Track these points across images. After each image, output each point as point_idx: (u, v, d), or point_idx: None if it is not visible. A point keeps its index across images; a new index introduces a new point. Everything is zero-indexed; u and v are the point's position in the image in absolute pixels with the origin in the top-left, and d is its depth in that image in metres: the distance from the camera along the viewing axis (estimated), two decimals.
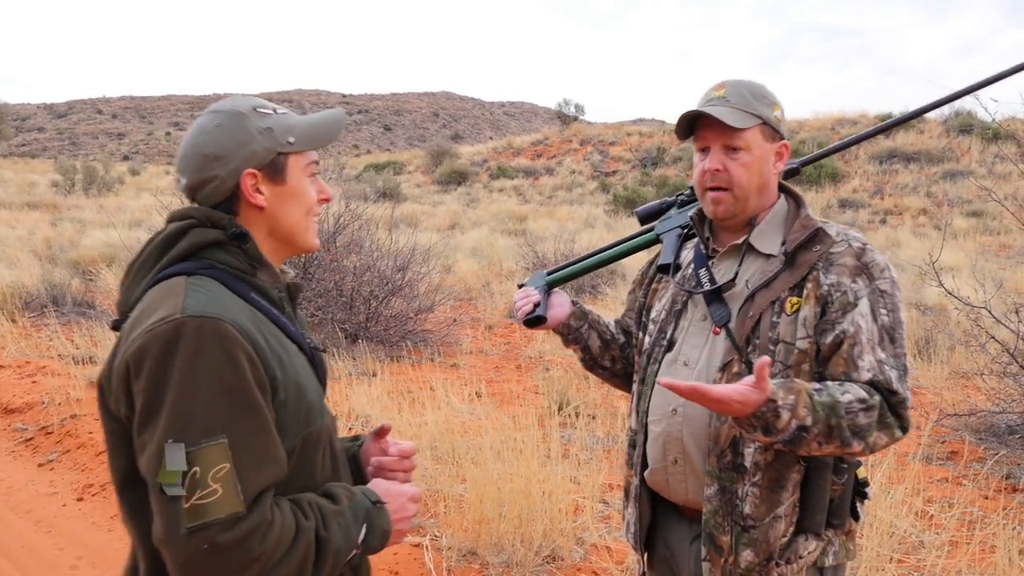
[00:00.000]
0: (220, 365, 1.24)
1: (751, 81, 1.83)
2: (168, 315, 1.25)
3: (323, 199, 1.54)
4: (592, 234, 16.72)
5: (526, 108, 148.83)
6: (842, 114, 32.56)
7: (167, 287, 1.33)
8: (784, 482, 1.70)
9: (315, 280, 8.36)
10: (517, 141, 41.69)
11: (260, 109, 1.45)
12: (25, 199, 23.61)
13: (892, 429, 1.63)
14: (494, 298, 11.04)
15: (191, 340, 1.23)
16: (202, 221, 1.41)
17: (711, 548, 1.75)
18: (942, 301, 8.96)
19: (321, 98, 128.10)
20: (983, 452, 5.40)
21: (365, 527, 1.39)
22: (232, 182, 1.41)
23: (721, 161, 1.77)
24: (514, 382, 7.04)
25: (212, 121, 1.42)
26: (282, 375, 1.34)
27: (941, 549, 3.70)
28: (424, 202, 28.26)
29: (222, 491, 1.20)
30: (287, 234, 1.49)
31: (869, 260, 1.72)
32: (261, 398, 1.28)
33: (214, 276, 1.37)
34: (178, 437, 1.20)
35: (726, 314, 1.78)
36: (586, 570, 3.61)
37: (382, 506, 1.45)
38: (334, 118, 1.56)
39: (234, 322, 1.28)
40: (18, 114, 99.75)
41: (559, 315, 2.14)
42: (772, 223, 1.83)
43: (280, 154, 1.44)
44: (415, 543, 3.78)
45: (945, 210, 22.48)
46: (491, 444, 4.22)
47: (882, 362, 1.65)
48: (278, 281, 1.50)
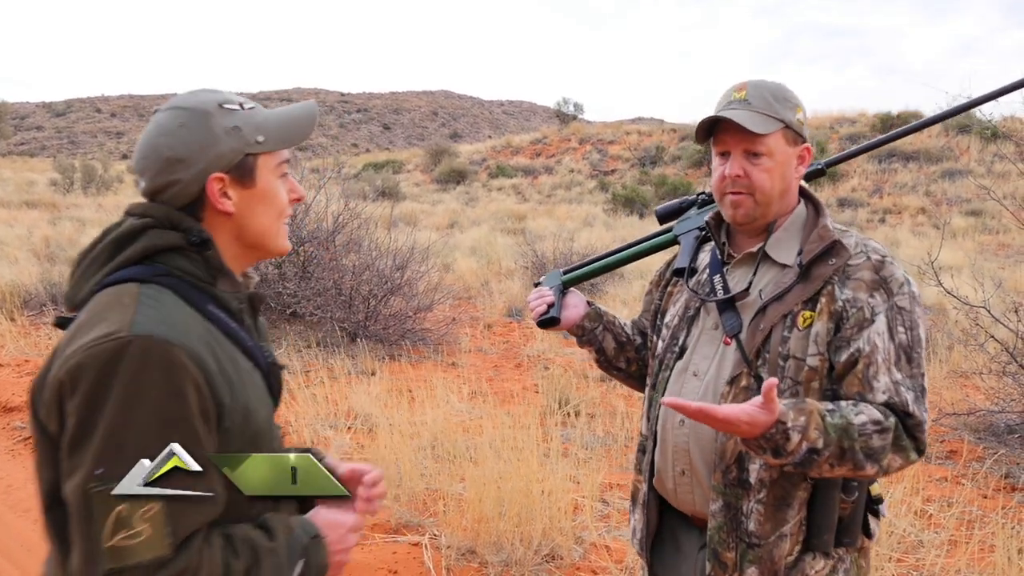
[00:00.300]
0: (162, 394, 1.14)
1: (773, 82, 1.76)
2: (113, 332, 1.15)
3: (295, 199, 1.44)
4: (591, 233, 16.72)
5: (525, 107, 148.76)
6: (841, 113, 32.56)
7: (117, 294, 1.23)
8: (790, 500, 1.66)
9: (314, 279, 8.36)
10: (516, 140, 41.71)
11: (226, 105, 1.33)
12: (24, 198, 23.57)
13: (907, 452, 1.58)
14: (493, 297, 11.03)
15: (134, 363, 1.13)
16: (161, 223, 1.30)
17: (715, 564, 1.71)
18: (941, 300, 8.96)
19: (320, 97, 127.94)
20: (982, 451, 5.40)
21: (302, 563, 1.30)
22: (196, 187, 1.30)
23: (742, 167, 1.71)
24: (513, 381, 7.04)
25: (174, 119, 1.30)
26: (231, 401, 1.24)
27: (940, 548, 3.70)
28: (423, 201, 28.25)
29: (149, 532, 1.11)
30: (256, 239, 1.39)
31: (888, 274, 1.64)
32: (204, 431, 1.19)
33: (170, 286, 1.27)
34: (108, 469, 1.11)
35: (738, 325, 1.73)
36: (585, 569, 3.61)
37: (320, 540, 1.35)
38: (306, 112, 1.45)
39: (185, 346, 1.18)
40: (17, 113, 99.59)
41: (573, 316, 2.11)
42: (790, 231, 1.77)
43: (249, 155, 1.33)
44: (414, 542, 3.79)
45: (944, 209, 22.49)
46: (490, 443, 4.22)
47: (898, 383, 1.59)
48: (239, 291, 1.40)
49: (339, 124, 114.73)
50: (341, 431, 5.35)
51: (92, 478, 1.11)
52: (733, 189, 1.74)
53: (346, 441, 5.10)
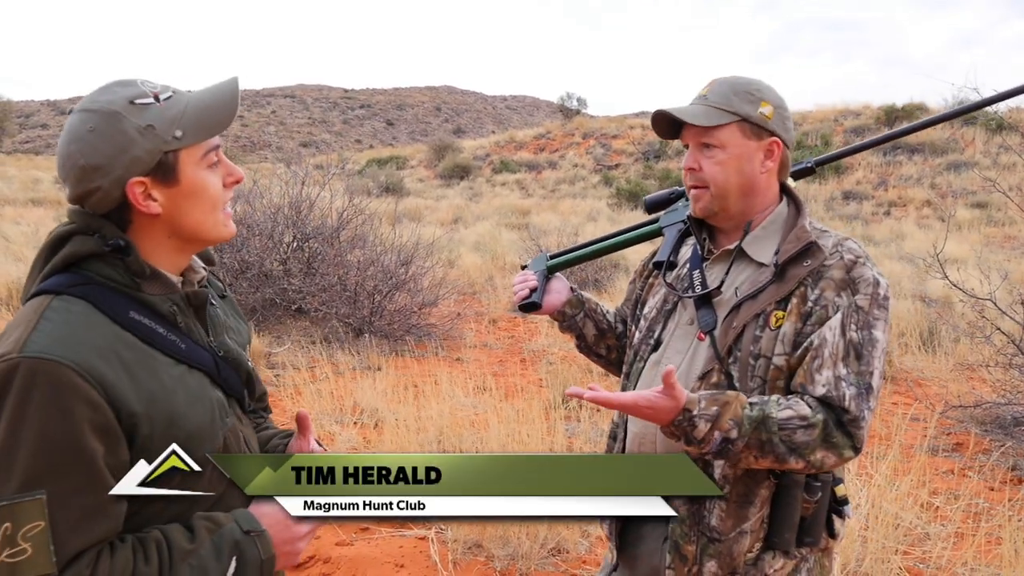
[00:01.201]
0: (48, 415, 1.14)
1: (741, 78, 1.76)
2: (5, 353, 1.16)
3: (232, 182, 1.39)
4: (595, 227, 16.70)
5: (528, 102, 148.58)
6: (845, 106, 32.41)
7: (28, 309, 1.24)
8: (752, 497, 1.66)
9: (319, 275, 8.38)
10: (519, 135, 41.62)
11: (138, 101, 1.26)
12: (29, 196, 23.59)
13: (840, 449, 1.56)
14: (497, 292, 11.04)
15: (21, 386, 1.14)
16: (82, 229, 1.29)
17: (676, 556, 1.72)
18: (947, 293, 8.94)
19: (323, 93, 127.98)
20: (988, 444, 5.40)
21: (235, 560, 1.28)
22: (117, 192, 1.26)
23: (696, 160, 1.75)
24: (518, 375, 7.04)
25: (84, 124, 1.25)
26: (147, 409, 1.23)
27: (947, 541, 3.70)
28: (427, 196, 28.23)
29: (31, 551, 1.12)
30: (192, 234, 1.35)
31: (858, 275, 1.64)
32: (98, 449, 1.18)
33: (86, 295, 1.25)
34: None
35: (712, 321, 1.74)
36: (591, 562, 3.61)
37: (259, 534, 1.32)
38: (225, 94, 1.35)
39: (77, 364, 1.17)
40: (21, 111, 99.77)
41: (555, 302, 2.13)
42: (769, 229, 1.77)
43: (168, 152, 1.27)
44: (421, 536, 3.80)
45: (949, 201, 22.41)
46: (496, 437, 4.23)
47: (840, 378, 1.58)
48: (173, 291, 1.36)
49: (342, 120, 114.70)
50: (347, 426, 5.36)
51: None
52: (691, 183, 1.78)
53: (352, 436, 5.10)
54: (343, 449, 4.89)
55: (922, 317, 8.37)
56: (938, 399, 6.17)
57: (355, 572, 3.48)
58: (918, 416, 5.86)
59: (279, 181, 9.41)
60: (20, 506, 1.12)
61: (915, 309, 8.71)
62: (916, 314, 8.46)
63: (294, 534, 1.37)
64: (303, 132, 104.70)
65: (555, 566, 3.56)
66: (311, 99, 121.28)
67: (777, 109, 1.75)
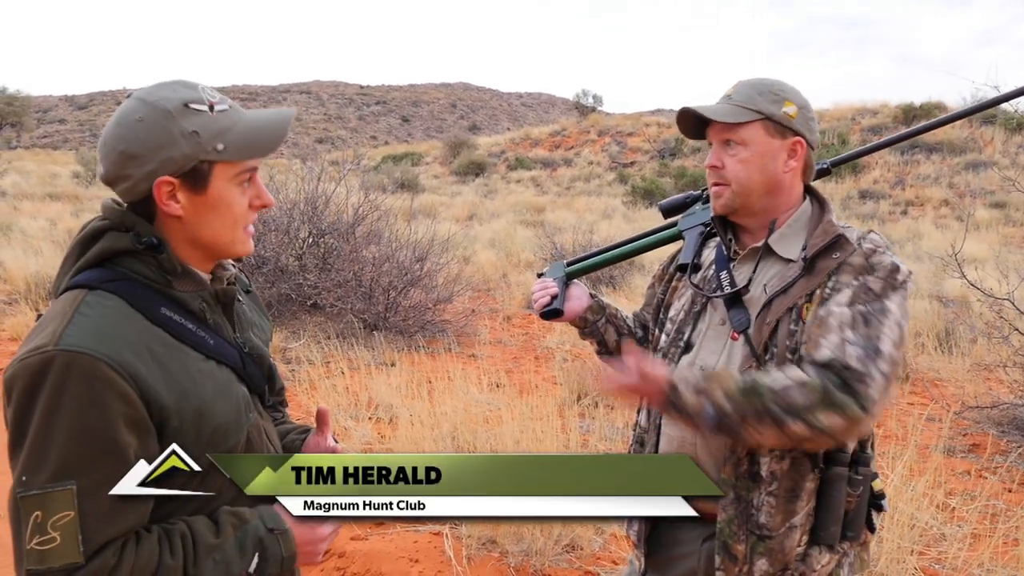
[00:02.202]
0: (82, 407, 1.17)
1: (766, 79, 1.79)
2: (41, 345, 1.19)
3: (259, 206, 1.40)
4: (610, 225, 16.68)
5: (544, 99, 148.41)
6: (862, 104, 32.23)
7: (63, 302, 1.27)
8: (799, 491, 1.67)
9: (334, 271, 8.41)
10: (535, 132, 41.59)
11: (193, 105, 1.29)
12: (47, 190, 23.79)
13: (845, 408, 1.50)
14: (512, 289, 11.04)
15: (56, 378, 1.17)
16: (116, 225, 1.32)
17: (725, 557, 1.71)
18: (964, 292, 8.89)
19: (339, 89, 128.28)
20: (1006, 445, 5.36)
21: (257, 556, 1.31)
22: (146, 185, 1.29)
23: (719, 157, 1.77)
24: (532, 372, 7.04)
25: (135, 112, 1.28)
26: (177, 403, 1.26)
27: (963, 542, 3.68)
28: (442, 193, 28.27)
29: (60, 540, 1.16)
30: (209, 245, 1.37)
31: (876, 261, 1.65)
32: (130, 442, 1.21)
33: (119, 291, 1.28)
34: (30, 477, 1.16)
35: (746, 320, 1.74)
36: (605, 559, 3.62)
37: (282, 533, 1.35)
38: (277, 122, 1.38)
39: (111, 358, 1.19)
40: (40, 106, 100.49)
41: (576, 308, 2.14)
42: (794, 227, 1.79)
43: (204, 162, 1.30)
44: (435, 531, 3.81)
45: (967, 201, 22.24)
46: (510, 433, 4.24)
47: (846, 340, 1.55)
48: (203, 288, 1.39)
49: (358, 116, 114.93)
50: (362, 421, 5.38)
51: (19, 484, 1.17)
52: (713, 179, 1.80)
53: (367, 431, 5.13)
54: (358, 444, 4.92)
55: (939, 317, 8.32)
56: (954, 400, 6.13)
57: (370, 567, 3.50)
58: (934, 416, 5.83)
59: (295, 177, 9.45)
60: (51, 495, 1.15)
61: (932, 309, 8.66)
62: (933, 314, 8.41)
63: (317, 535, 1.40)
64: (319, 128, 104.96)
65: (569, 562, 3.57)
66: (327, 95, 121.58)
67: (801, 109, 1.76)
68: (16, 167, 31.22)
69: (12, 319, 8.30)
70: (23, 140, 54.65)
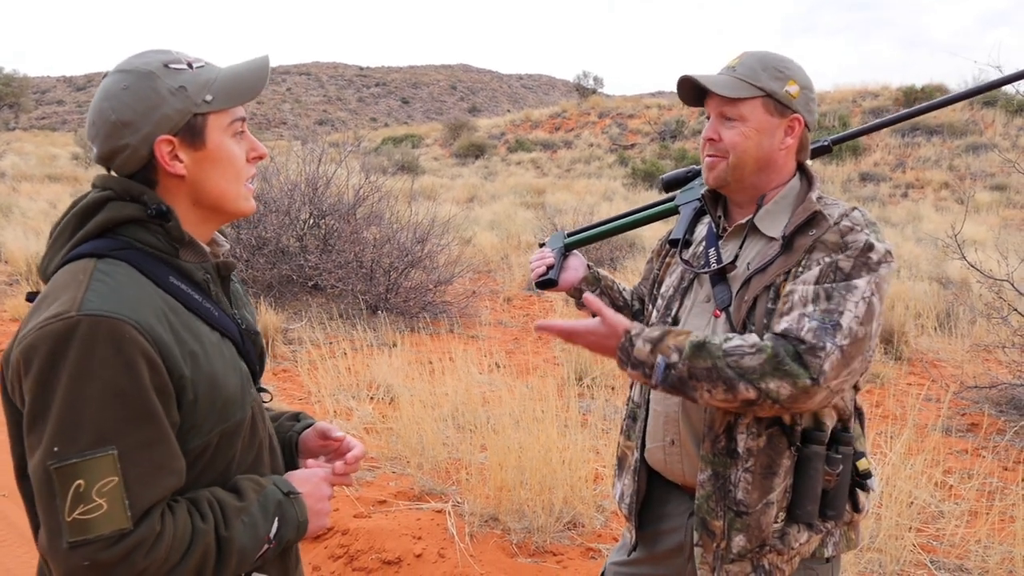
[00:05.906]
0: (114, 370, 1.14)
1: (772, 54, 1.77)
2: (63, 312, 1.15)
3: (255, 157, 1.41)
4: (611, 207, 16.69)
5: (544, 81, 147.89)
6: (864, 87, 32.09)
7: (73, 271, 1.23)
8: (776, 468, 1.67)
9: (335, 252, 8.42)
10: (535, 114, 41.49)
11: (172, 65, 1.30)
12: (46, 171, 23.74)
13: (794, 377, 1.51)
14: (512, 270, 11.06)
15: (84, 342, 1.13)
16: (120, 194, 1.30)
17: (703, 532, 1.73)
18: (964, 274, 8.92)
19: (339, 71, 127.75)
20: (1003, 424, 5.40)
21: (277, 520, 1.32)
22: (145, 150, 1.28)
23: (717, 130, 1.75)
24: (532, 353, 7.07)
25: (118, 83, 1.28)
26: (192, 373, 1.24)
27: (960, 519, 3.72)
28: (442, 175, 28.23)
29: (107, 507, 1.12)
30: (215, 203, 1.37)
31: (851, 239, 1.62)
32: (159, 405, 1.19)
33: (128, 259, 1.26)
34: (64, 446, 1.12)
35: (728, 297, 1.74)
36: (606, 536, 3.65)
37: (296, 496, 1.37)
38: (256, 67, 1.39)
39: (136, 321, 1.17)
40: (38, 87, 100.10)
41: (571, 278, 2.16)
42: (781, 204, 1.77)
43: (197, 115, 1.30)
44: (438, 509, 3.84)
45: (968, 183, 22.22)
46: (510, 413, 4.26)
47: (804, 315, 1.56)
48: (205, 260, 1.38)
49: (358, 98, 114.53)
50: (363, 401, 5.41)
51: (51, 455, 1.12)
52: (708, 152, 1.79)
53: (368, 411, 5.15)
54: (359, 425, 4.94)
55: (939, 298, 8.34)
56: (953, 380, 6.17)
57: (373, 543, 3.53)
58: (933, 396, 5.87)
59: (295, 158, 9.44)
60: (92, 462, 1.12)
61: (932, 291, 8.68)
62: (933, 295, 8.43)
63: (323, 492, 1.44)
64: (318, 110, 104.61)
65: (571, 539, 3.60)
66: (326, 77, 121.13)
67: (803, 90, 1.75)
68: (15, 148, 31.18)
69: (13, 300, 8.32)
70: (21, 121, 54.47)
